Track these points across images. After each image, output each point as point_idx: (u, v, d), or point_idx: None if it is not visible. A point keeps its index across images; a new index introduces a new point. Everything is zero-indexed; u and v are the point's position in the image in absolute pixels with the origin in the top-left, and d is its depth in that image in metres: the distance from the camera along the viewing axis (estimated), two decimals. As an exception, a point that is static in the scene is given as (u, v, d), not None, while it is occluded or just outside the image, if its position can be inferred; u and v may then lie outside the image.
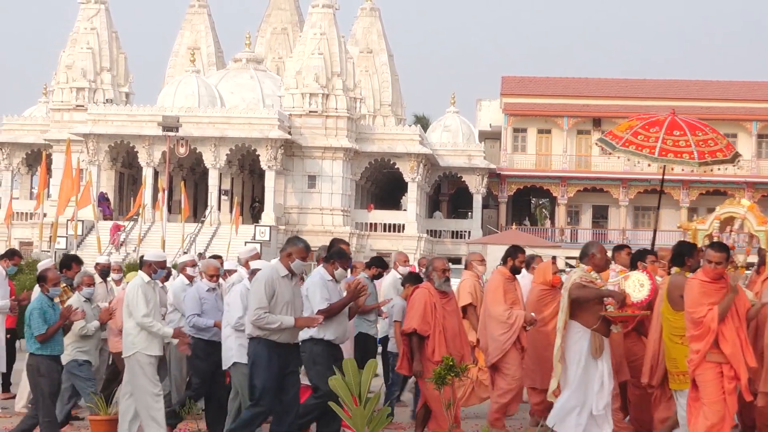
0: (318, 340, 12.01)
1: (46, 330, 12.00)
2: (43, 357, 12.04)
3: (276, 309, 11.27)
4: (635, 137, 15.91)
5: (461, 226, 74.65)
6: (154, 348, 12.51)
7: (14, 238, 59.96)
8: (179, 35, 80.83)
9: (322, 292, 11.97)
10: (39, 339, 12.00)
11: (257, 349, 11.30)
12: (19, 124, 74.25)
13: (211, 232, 61.21)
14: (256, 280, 11.49)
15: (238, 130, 64.34)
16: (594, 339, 12.15)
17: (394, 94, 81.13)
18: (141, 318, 12.37)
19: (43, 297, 12.26)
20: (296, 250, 11.50)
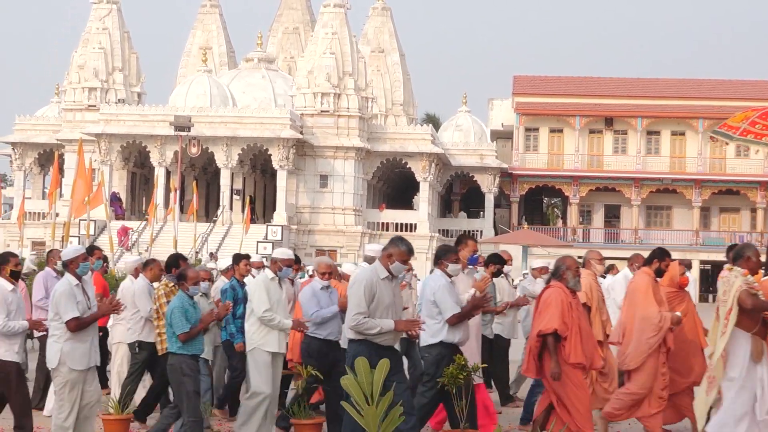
0: (446, 344, 11.76)
1: (189, 329, 11.91)
2: (185, 356, 11.97)
3: (376, 312, 10.97)
4: (753, 126, 15.81)
5: (473, 225, 74.60)
6: (272, 344, 12.52)
7: (27, 238, 60.13)
8: (191, 35, 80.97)
9: (452, 296, 11.67)
10: (181, 338, 11.90)
11: (359, 351, 10.93)
12: (32, 124, 74.43)
13: (223, 232, 61.28)
14: (356, 283, 11.11)
15: (250, 130, 64.38)
16: (755, 343, 11.71)
17: (405, 94, 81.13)
18: (262, 313, 12.39)
19: (183, 296, 12.15)
20: (397, 252, 11.06)
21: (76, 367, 11.38)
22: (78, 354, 11.38)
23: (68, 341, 11.35)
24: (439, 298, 11.62)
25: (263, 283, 12.61)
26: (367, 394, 10.36)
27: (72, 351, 11.35)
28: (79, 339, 11.41)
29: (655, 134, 77.80)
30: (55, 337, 11.46)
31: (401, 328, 11.08)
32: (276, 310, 12.58)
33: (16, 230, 57.56)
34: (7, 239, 67.78)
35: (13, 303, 11.88)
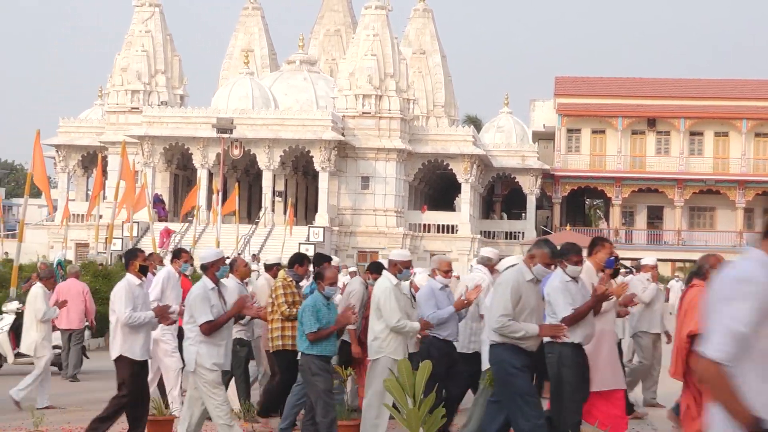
0: (566, 344, 11.42)
1: (318, 329, 11.81)
2: (314, 357, 11.85)
3: (521, 316, 10.66)
4: None
5: (515, 227, 74.45)
6: (399, 352, 12.25)
7: (70, 240, 60.52)
8: (233, 37, 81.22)
9: (565, 296, 11.35)
10: (310, 338, 11.81)
11: (502, 356, 10.70)
12: (75, 127, 74.91)
13: (265, 234, 61.40)
14: (502, 284, 10.74)
15: (292, 132, 64.51)
16: None
17: (447, 95, 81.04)
18: (395, 323, 12.09)
19: (318, 295, 12.05)
20: (540, 254, 10.75)
21: (214, 367, 11.45)
22: (215, 355, 11.46)
23: (203, 344, 11.41)
24: (553, 299, 11.32)
25: (390, 290, 12.24)
26: (409, 396, 10.37)
27: (208, 352, 11.42)
28: (214, 342, 11.46)
29: (698, 135, 77.33)
30: (191, 339, 11.53)
31: (545, 333, 10.83)
32: (403, 314, 12.27)
33: (61, 232, 57.91)
34: (51, 241, 68.24)
35: (140, 297, 12.10)
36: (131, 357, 11.99)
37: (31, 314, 16.53)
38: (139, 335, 12.06)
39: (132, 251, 12.48)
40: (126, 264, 12.37)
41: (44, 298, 16.53)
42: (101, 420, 12.14)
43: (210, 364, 11.41)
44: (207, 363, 11.41)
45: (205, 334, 11.39)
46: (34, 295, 16.61)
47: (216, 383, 11.48)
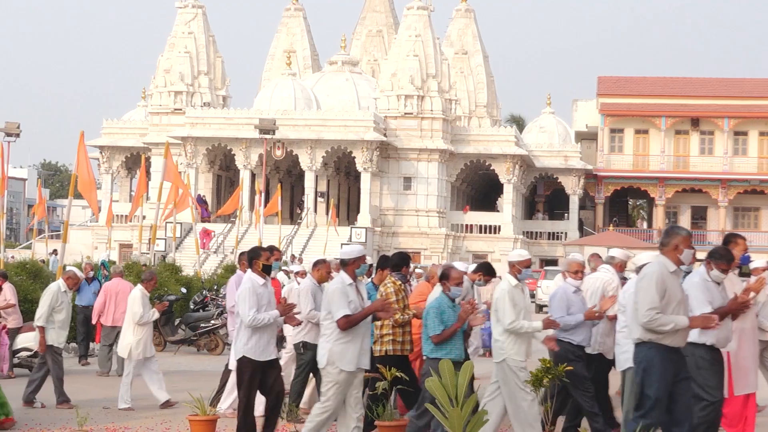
0: (699, 345, 11.08)
1: (442, 331, 11.63)
2: (437, 361, 11.44)
3: (668, 309, 10.16)
4: None
5: (558, 227, 74.22)
6: (521, 354, 12.07)
7: (114, 240, 60.81)
8: (275, 38, 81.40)
9: (704, 294, 10.95)
10: (434, 340, 11.65)
11: (649, 355, 10.21)
12: (119, 128, 75.35)
13: (307, 234, 61.50)
14: (645, 277, 10.22)
15: (334, 133, 64.59)
16: None
17: (489, 95, 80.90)
18: (507, 325, 11.93)
19: (443, 297, 11.87)
20: (682, 239, 10.26)
21: (346, 368, 11.33)
22: (348, 355, 11.35)
23: (338, 341, 11.33)
24: (692, 294, 10.79)
25: (508, 291, 12.07)
26: (451, 396, 10.35)
27: (342, 352, 11.32)
28: (350, 340, 11.36)
29: (743, 135, 76.82)
30: (326, 336, 11.41)
31: (697, 324, 10.33)
32: (522, 317, 12.06)
33: (104, 232, 58.23)
34: (95, 241, 68.67)
35: (264, 297, 11.97)
36: (254, 358, 11.88)
37: (129, 317, 16.54)
38: (263, 335, 11.96)
39: (255, 250, 12.34)
40: (249, 263, 12.24)
41: (142, 301, 16.52)
42: None
43: (342, 364, 11.28)
44: (339, 363, 11.29)
45: (341, 328, 11.24)
46: (133, 298, 16.63)
47: (339, 386, 11.34)
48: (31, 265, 27.53)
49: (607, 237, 61.33)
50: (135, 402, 16.26)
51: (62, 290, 16.82)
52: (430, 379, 10.61)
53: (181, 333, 26.05)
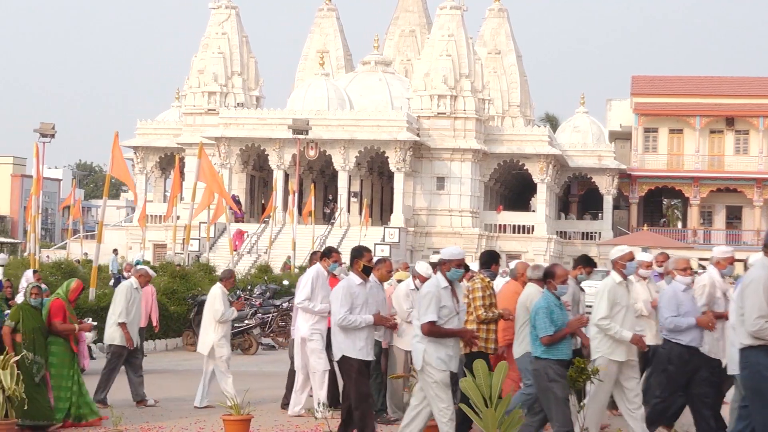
0: None
1: (554, 333, 11.37)
2: (550, 362, 11.39)
3: None
4: None
5: (591, 227, 73.97)
6: (620, 353, 11.82)
7: (148, 240, 61.11)
8: (308, 39, 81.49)
9: None
10: (544, 341, 11.38)
11: (759, 359, 9.72)
12: (153, 128, 75.58)
13: (341, 234, 61.55)
14: (752, 282, 9.65)
15: (367, 133, 64.61)
16: None
17: (522, 95, 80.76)
18: (597, 320, 11.77)
19: (550, 295, 11.59)
20: None
21: (441, 367, 11.09)
22: (441, 356, 11.12)
23: (431, 342, 11.07)
24: None
25: (608, 287, 11.82)
26: (485, 397, 10.33)
27: (436, 351, 11.08)
28: (441, 341, 11.13)
29: (778, 134, 76.40)
30: (419, 337, 11.18)
31: None
32: (620, 317, 11.79)
33: (139, 232, 58.47)
34: (129, 241, 68.95)
35: (360, 297, 11.85)
36: (354, 357, 11.80)
37: (210, 314, 16.47)
38: (360, 335, 11.83)
39: (358, 250, 12.19)
40: (351, 263, 12.08)
41: (223, 299, 16.44)
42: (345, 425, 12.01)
43: (438, 363, 11.06)
44: (435, 362, 11.06)
45: (425, 333, 11.02)
46: (213, 296, 16.54)
47: (444, 384, 11.09)
48: (66, 265, 27.70)
49: (641, 237, 61.09)
50: (168, 403, 16.30)
51: (134, 287, 16.91)
52: (464, 379, 10.58)
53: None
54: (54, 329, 14.22)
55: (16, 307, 14.10)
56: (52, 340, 14.26)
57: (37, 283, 14.80)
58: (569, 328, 11.52)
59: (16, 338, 13.71)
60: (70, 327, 14.36)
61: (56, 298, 14.48)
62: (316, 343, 14.86)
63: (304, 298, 14.93)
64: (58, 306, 14.37)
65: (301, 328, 15.01)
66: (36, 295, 14.11)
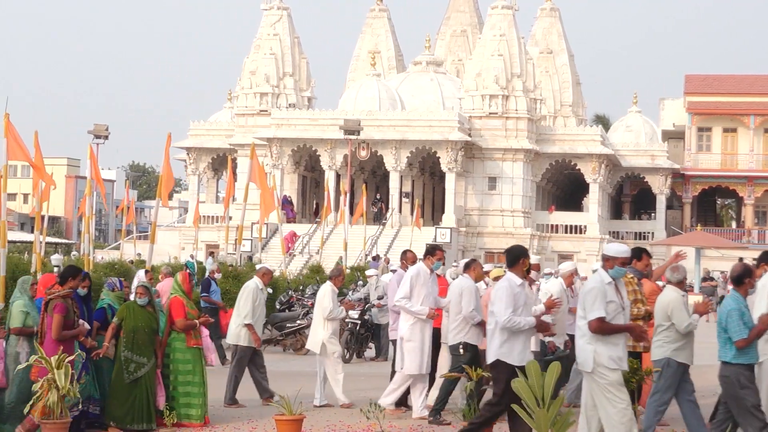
0: None
1: (748, 334, 10.94)
2: (742, 367, 10.96)
3: None
4: None
5: (644, 227, 73.57)
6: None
7: (201, 241, 61.39)
8: (360, 39, 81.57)
9: None
10: (740, 345, 10.91)
11: None
12: (205, 130, 75.95)
13: (392, 235, 61.54)
14: None
15: (419, 133, 64.57)
16: None
17: (574, 95, 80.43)
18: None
19: (739, 297, 11.20)
20: None
21: (613, 366, 10.73)
22: (614, 354, 10.77)
23: (600, 341, 10.70)
24: None
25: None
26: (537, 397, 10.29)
27: (606, 351, 10.71)
28: (611, 340, 10.76)
29: (833, 132, 75.67)
30: (586, 337, 10.82)
31: None
32: None
33: (192, 233, 58.75)
34: (182, 242, 69.32)
35: (520, 298, 11.55)
36: (509, 362, 11.49)
37: (319, 312, 16.53)
38: (519, 339, 11.55)
39: (522, 250, 11.90)
40: (513, 261, 11.72)
41: (332, 297, 16.48)
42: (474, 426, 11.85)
43: (610, 362, 10.67)
44: (606, 362, 10.68)
45: (593, 331, 10.66)
46: (323, 293, 16.59)
47: (619, 384, 10.71)
48: (119, 266, 27.84)
49: (695, 237, 60.53)
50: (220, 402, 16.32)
51: (259, 288, 16.94)
52: (516, 380, 10.54)
53: (267, 333, 26.17)
54: (176, 327, 14.44)
55: (123, 306, 14.21)
56: (174, 337, 14.50)
57: (145, 283, 14.90)
58: (762, 326, 11.04)
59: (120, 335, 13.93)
60: (191, 323, 14.53)
61: (174, 296, 14.67)
62: (415, 344, 14.71)
63: (402, 297, 14.75)
64: (177, 304, 14.56)
65: (402, 328, 14.92)
66: (142, 294, 14.23)
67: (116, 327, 13.95)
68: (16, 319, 13.40)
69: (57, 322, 13.16)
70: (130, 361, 13.88)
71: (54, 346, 13.17)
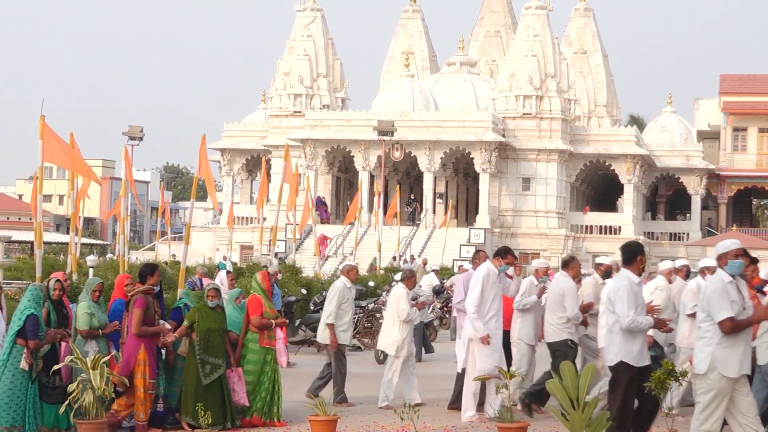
0: None
1: None
2: None
3: None
4: None
5: (679, 228, 73.23)
6: None
7: (235, 242, 61.54)
8: (393, 40, 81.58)
9: None
10: None
11: None
12: (239, 131, 76.18)
13: (426, 235, 61.52)
14: None
15: (452, 134, 64.54)
16: None
17: (608, 95, 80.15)
18: None
19: None
20: None
21: (728, 374, 10.31)
22: (732, 360, 10.33)
23: (720, 345, 10.32)
24: None
25: None
26: (572, 399, 10.27)
27: (725, 357, 10.31)
28: (733, 343, 10.35)
29: None
30: (706, 339, 10.42)
31: None
32: None
33: (226, 234, 58.91)
34: (216, 243, 69.51)
35: (639, 297, 11.36)
36: (631, 363, 11.32)
37: (394, 314, 16.49)
38: (637, 339, 11.35)
39: (641, 247, 11.68)
40: (629, 259, 11.50)
41: (406, 299, 16.47)
42: None
43: (725, 370, 10.30)
44: (721, 369, 10.31)
45: (725, 332, 10.28)
46: (397, 296, 16.56)
47: (719, 395, 10.33)
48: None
49: (729, 238, 60.27)
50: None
51: (347, 287, 16.93)
52: (550, 381, 10.52)
53: (301, 334, 26.20)
54: (251, 325, 14.48)
55: (194, 308, 14.23)
56: (250, 337, 14.52)
57: (215, 285, 14.90)
58: None
59: (192, 337, 13.93)
60: (266, 322, 14.55)
61: (253, 294, 14.73)
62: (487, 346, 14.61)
63: (473, 303, 14.62)
64: (256, 302, 14.61)
65: (470, 329, 14.86)
66: (213, 297, 14.25)
67: (186, 329, 13.99)
68: (81, 320, 13.50)
69: (137, 317, 13.28)
70: (206, 363, 13.92)
71: (135, 342, 13.31)
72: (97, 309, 13.65)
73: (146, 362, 13.36)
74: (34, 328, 12.84)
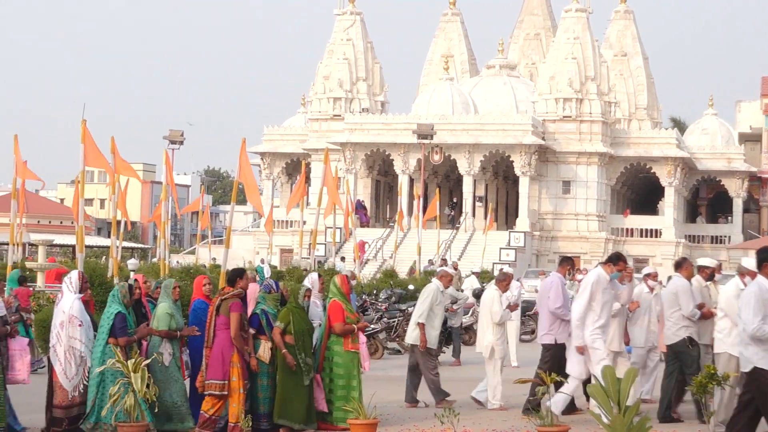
0: None
1: None
2: None
3: None
4: None
5: (721, 231, 72.81)
6: None
7: (275, 246, 61.62)
8: (433, 43, 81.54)
9: None
10: None
11: None
12: (279, 135, 76.38)
13: (466, 239, 61.45)
14: None
15: (492, 137, 64.43)
16: None
17: (649, 97, 79.79)
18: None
19: None
20: None
21: None
22: None
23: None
24: None
25: None
26: (614, 402, 10.23)
27: None
28: None
29: None
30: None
31: None
32: None
33: (265, 237, 59.04)
34: (256, 246, 69.68)
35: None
36: None
37: (488, 316, 16.54)
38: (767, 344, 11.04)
39: None
40: (759, 265, 11.19)
41: (500, 301, 16.54)
42: None
43: None
44: None
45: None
46: (491, 298, 16.60)
47: None
48: (194, 270, 28.00)
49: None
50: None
51: (440, 290, 17.01)
52: (591, 385, 10.49)
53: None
54: (334, 331, 14.47)
55: (286, 309, 14.17)
56: (333, 341, 14.49)
57: (308, 285, 14.91)
58: None
59: (286, 339, 13.88)
60: (350, 327, 14.52)
61: (333, 299, 14.69)
62: (600, 351, 14.47)
63: (579, 309, 14.63)
64: (336, 307, 14.57)
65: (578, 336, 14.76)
66: (307, 297, 14.32)
67: (281, 331, 13.91)
68: (162, 321, 13.58)
69: (236, 320, 13.28)
70: (305, 363, 13.90)
71: (230, 346, 13.28)
72: (176, 310, 13.75)
73: (240, 364, 13.33)
74: (122, 325, 13.14)
